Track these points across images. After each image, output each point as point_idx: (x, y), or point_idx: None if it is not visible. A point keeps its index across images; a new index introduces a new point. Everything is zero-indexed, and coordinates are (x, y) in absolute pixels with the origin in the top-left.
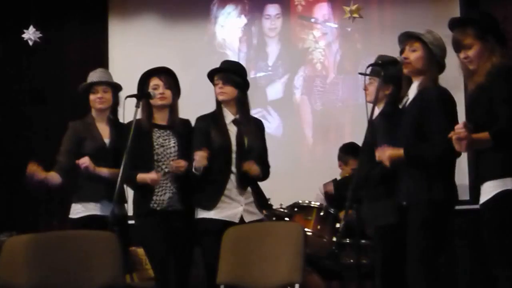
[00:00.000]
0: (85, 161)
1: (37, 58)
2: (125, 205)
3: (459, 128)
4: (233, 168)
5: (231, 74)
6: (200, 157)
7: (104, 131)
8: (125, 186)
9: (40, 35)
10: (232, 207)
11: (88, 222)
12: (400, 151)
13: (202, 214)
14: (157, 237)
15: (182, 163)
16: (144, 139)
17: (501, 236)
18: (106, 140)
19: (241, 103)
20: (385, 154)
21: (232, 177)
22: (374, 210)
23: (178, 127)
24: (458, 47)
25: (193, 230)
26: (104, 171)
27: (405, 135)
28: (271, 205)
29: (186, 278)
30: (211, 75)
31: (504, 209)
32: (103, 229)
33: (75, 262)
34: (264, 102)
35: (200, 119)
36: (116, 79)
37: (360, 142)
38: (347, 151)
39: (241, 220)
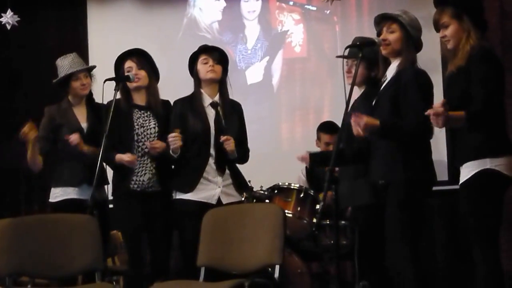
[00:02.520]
0: (75, 138)
1: (15, 42)
2: (106, 187)
3: (438, 105)
4: (212, 151)
5: (219, 53)
6: (173, 139)
7: (81, 115)
8: (105, 167)
9: (18, 19)
10: (210, 189)
11: (67, 205)
12: (376, 121)
13: (179, 195)
14: (132, 218)
15: (158, 144)
16: (124, 119)
17: (478, 214)
18: (84, 125)
19: (224, 85)
20: (362, 119)
21: (211, 160)
22: (351, 190)
23: (158, 108)
24: (437, 26)
25: (171, 211)
26: (87, 149)
27: (382, 115)
28: (251, 187)
29: (166, 260)
30: (196, 54)
31: (482, 187)
32: (83, 213)
33: (54, 246)
34: (243, 85)
35: (177, 102)
36: (95, 63)
37: (339, 123)
38: (320, 127)
39: (219, 202)
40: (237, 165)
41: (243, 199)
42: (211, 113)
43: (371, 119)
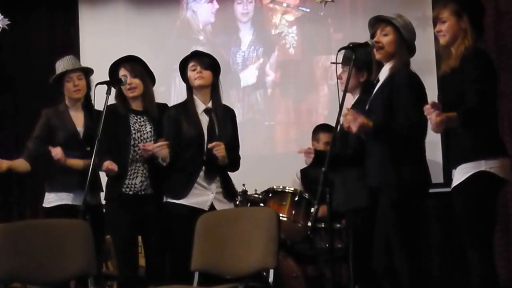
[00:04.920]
0: (57, 153)
1: (5, 46)
2: (101, 193)
3: (428, 108)
4: (205, 157)
5: (208, 58)
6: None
7: (78, 119)
8: (99, 172)
9: (8, 22)
10: (203, 194)
11: (61, 211)
12: (369, 122)
13: (171, 199)
14: (124, 222)
15: (150, 147)
16: (121, 124)
17: (475, 217)
18: (80, 129)
19: (216, 90)
20: (357, 119)
21: (204, 167)
22: (346, 193)
23: (154, 112)
24: (435, 20)
25: (164, 215)
26: (76, 164)
27: (376, 118)
28: (245, 191)
29: (162, 264)
30: (185, 61)
31: (477, 189)
32: (76, 218)
33: (47, 251)
34: (237, 87)
35: (171, 109)
36: (87, 65)
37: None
38: (317, 128)
39: (211, 208)
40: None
41: (237, 202)
42: (204, 120)
43: (366, 120)
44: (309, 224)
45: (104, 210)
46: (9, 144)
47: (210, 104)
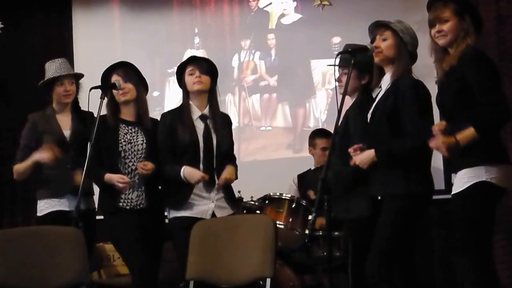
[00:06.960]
0: (43, 157)
1: None
2: (92, 198)
3: (435, 131)
4: (201, 166)
5: (206, 63)
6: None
7: (65, 122)
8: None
9: (2, 26)
10: (203, 204)
11: (54, 219)
12: (371, 154)
13: (173, 213)
14: (132, 236)
15: (149, 166)
16: (110, 134)
17: (471, 229)
18: (66, 132)
19: (213, 95)
20: (359, 159)
21: None
22: (347, 203)
23: (147, 123)
24: (434, 21)
25: (162, 227)
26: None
27: (379, 130)
28: (241, 198)
29: (156, 276)
30: (183, 65)
31: (476, 202)
32: (69, 225)
33: (39, 259)
34: (234, 92)
35: (166, 115)
36: (81, 70)
37: (331, 130)
38: (314, 134)
39: (213, 216)
40: None
41: (235, 210)
42: (200, 126)
43: (366, 155)
44: (307, 232)
45: (102, 220)
46: (2, 148)
47: (206, 110)
